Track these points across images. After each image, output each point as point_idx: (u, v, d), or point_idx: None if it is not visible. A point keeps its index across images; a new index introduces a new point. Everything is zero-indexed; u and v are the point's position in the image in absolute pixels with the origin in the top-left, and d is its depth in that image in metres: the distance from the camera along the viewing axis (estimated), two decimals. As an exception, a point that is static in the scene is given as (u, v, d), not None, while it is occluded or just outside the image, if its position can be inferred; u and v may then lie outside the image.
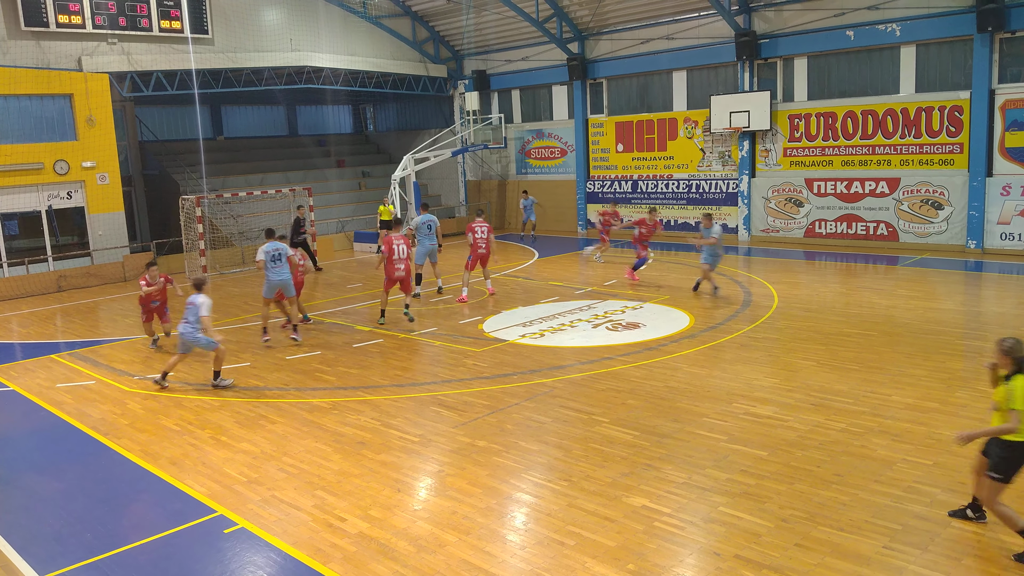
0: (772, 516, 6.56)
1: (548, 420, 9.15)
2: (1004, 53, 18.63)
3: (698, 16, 23.38)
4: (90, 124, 21.49)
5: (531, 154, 29.26)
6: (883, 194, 20.72)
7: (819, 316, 13.58)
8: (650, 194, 25.78)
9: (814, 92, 21.90)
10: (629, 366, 11.11)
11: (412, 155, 26.57)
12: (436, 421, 9.34)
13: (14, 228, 20.98)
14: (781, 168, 22.73)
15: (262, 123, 35.38)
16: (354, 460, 8.26)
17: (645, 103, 25.83)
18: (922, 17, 19.43)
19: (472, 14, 27.57)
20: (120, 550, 6.64)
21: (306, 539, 6.61)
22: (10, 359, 13.68)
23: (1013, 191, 18.75)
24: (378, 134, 36.90)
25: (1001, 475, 5.80)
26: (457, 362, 11.87)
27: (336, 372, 11.67)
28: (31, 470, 8.61)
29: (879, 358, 10.94)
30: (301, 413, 9.89)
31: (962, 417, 8.55)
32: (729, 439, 8.29)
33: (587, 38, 26.37)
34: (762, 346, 11.93)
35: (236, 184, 27.89)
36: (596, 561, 6.00)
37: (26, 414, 10.60)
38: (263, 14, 25.68)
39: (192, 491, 7.71)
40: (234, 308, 17.12)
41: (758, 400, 9.43)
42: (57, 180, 21.10)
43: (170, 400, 10.76)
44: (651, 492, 7.12)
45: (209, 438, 9.17)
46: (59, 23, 21.17)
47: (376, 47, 28.44)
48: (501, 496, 7.26)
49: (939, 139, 19.79)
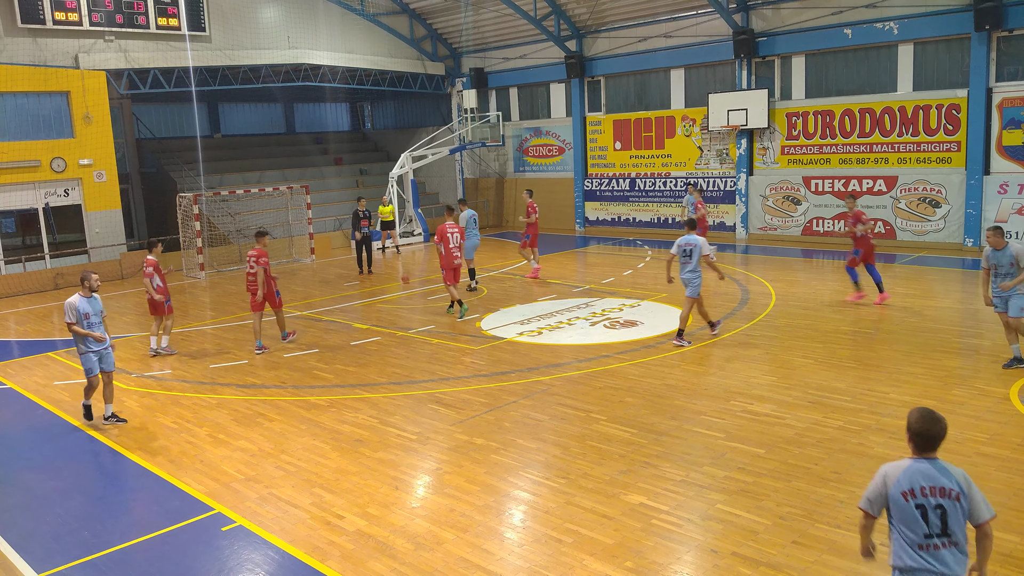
0: (770, 513, 6.57)
1: (546, 418, 9.15)
2: (1001, 51, 18.65)
3: (696, 14, 23.37)
4: (87, 122, 21.44)
5: (529, 152, 29.24)
6: (880, 192, 20.74)
7: (817, 314, 13.59)
8: (648, 192, 25.78)
9: (812, 90, 21.90)
10: (627, 364, 11.12)
11: (410, 153, 26.55)
12: (434, 419, 9.34)
13: (11, 226, 20.94)
14: (779, 166, 22.74)
15: (260, 121, 35.35)
16: (352, 458, 8.26)
17: (643, 101, 25.82)
18: (920, 15, 19.44)
19: (470, 12, 27.54)
20: (117, 548, 6.63)
21: (304, 537, 6.61)
22: (7, 357, 13.66)
23: (1010, 189, 18.77)
24: (376, 132, 36.88)
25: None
26: (455, 360, 11.87)
27: (334, 370, 11.67)
28: (28, 468, 8.60)
29: (876, 356, 10.95)
30: (299, 411, 9.88)
31: (959, 415, 8.57)
32: (727, 437, 8.30)
33: (585, 36, 26.36)
34: (760, 344, 11.94)
35: (233, 182, 27.85)
36: (594, 559, 6.00)
37: (23, 412, 10.59)
38: (261, 11, 25.63)
39: (190, 489, 7.70)
40: (231, 306, 17.11)
41: (756, 398, 9.44)
42: (54, 178, 21.05)
43: (168, 398, 10.75)
44: (649, 490, 7.12)
45: (207, 436, 9.16)
46: (56, 20, 21.11)
47: (374, 45, 28.40)
48: (499, 494, 7.26)
49: (936, 137, 19.81)
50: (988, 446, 7.76)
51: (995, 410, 8.73)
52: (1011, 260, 9.77)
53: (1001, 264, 9.90)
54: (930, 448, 4.12)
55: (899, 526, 4.07)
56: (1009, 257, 9.79)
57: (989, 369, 10.15)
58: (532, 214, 18.35)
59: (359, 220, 20.57)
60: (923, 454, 4.14)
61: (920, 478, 4.03)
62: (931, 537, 3.98)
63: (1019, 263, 9.72)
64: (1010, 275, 9.82)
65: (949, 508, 3.98)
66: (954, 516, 3.99)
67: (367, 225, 20.67)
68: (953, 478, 4.04)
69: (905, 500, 4.02)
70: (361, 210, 20.72)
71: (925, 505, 3.99)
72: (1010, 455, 7.55)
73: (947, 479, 4.03)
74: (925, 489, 4.01)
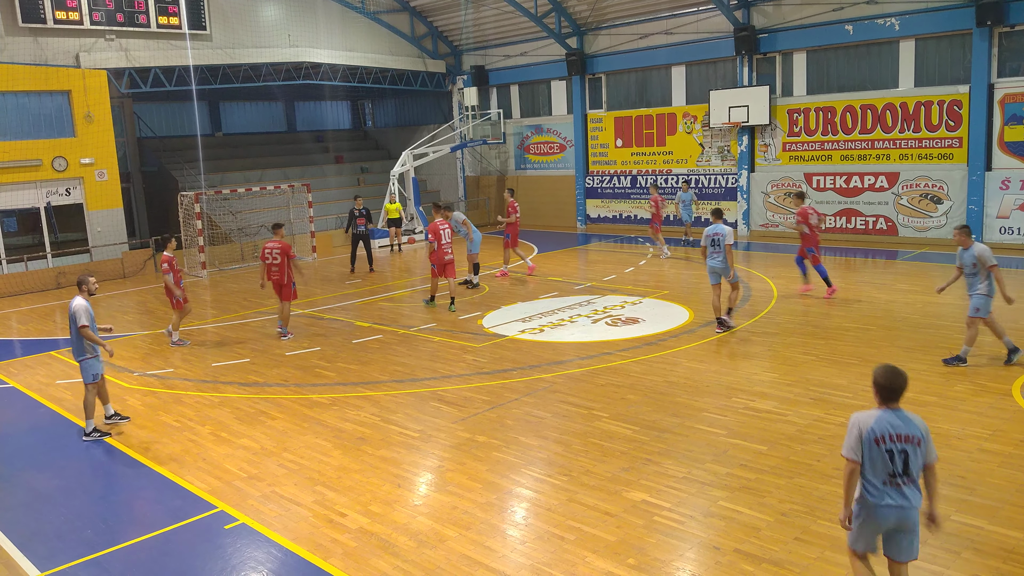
0: (772, 510, 6.58)
1: (548, 415, 9.16)
2: (1003, 47, 18.61)
3: (697, 11, 23.34)
4: (88, 121, 21.45)
5: (530, 150, 29.23)
6: (882, 188, 20.72)
7: (818, 311, 13.58)
8: (649, 189, 25.73)
9: (813, 87, 21.88)
10: (629, 361, 11.12)
11: (411, 151, 26.54)
12: (436, 416, 9.34)
13: (13, 225, 20.96)
14: (780, 163, 22.71)
15: (260, 119, 35.35)
16: (354, 456, 8.27)
17: (644, 98, 25.80)
18: (921, 11, 19.41)
19: (471, 9, 27.53)
20: (120, 546, 6.65)
21: (306, 535, 6.62)
22: (10, 356, 13.68)
23: (1012, 185, 18.74)
24: (377, 130, 36.88)
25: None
26: (457, 358, 11.88)
27: (336, 368, 11.68)
28: (31, 467, 8.61)
29: (878, 352, 10.94)
30: (301, 409, 9.89)
31: (960, 411, 8.57)
32: (729, 433, 8.30)
33: (586, 33, 26.33)
34: (761, 341, 11.94)
35: (235, 180, 27.86)
36: (596, 556, 6.01)
37: (26, 411, 10.60)
38: (261, 10, 25.61)
39: (192, 487, 7.72)
40: (233, 304, 17.12)
41: (757, 395, 9.44)
42: (55, 177, 21.06)
43: (170, 396, 10.76)
44: (651, 487, 7.13)
45: (209, 434, 9.17)
46: (57, 19, 21.11)
47: (374, 43, 28.38)
48: (501, 491, 7.27)
49: (938, 133, 19.78)
50: (990, 442, 7.75)
51: (997, 406, 8.72)
52: (973, 260, 9.97)
53: (965, 264, 10.11)
54: (894, 399, 4.72)
55: (866, 466, 4.69)
56: (972, 257, 10.00)
57: (990, 365, 10.14)
58: (513, 213, 18.29)
59: (355, 218, 20.61)
60: (888, 405, 4.73)
61: (890, 426, 4.65)
62: (895, 476, 4.64)
63: (981, 264, 9.88)
64: (973, 275, 10.01)
65: (911, 452, 4.64)
66: (914, 459, 4.66)
67: (364, 224, 20.69)
68: (916, 427, 4.68)
69: (877, 445, 4.64)
70: (358, 208, 20.73)
71: (893, 449, 4.63)
72: (1012, 451, 7.54)
73: (912, 428, 4.67)
74: (894, 436, 4.64)
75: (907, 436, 4.64)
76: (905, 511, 4.66)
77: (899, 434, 4.64)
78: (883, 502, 4.64)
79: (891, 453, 4.63)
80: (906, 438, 4.64)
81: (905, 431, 4.65)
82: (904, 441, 4.63)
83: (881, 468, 4.65)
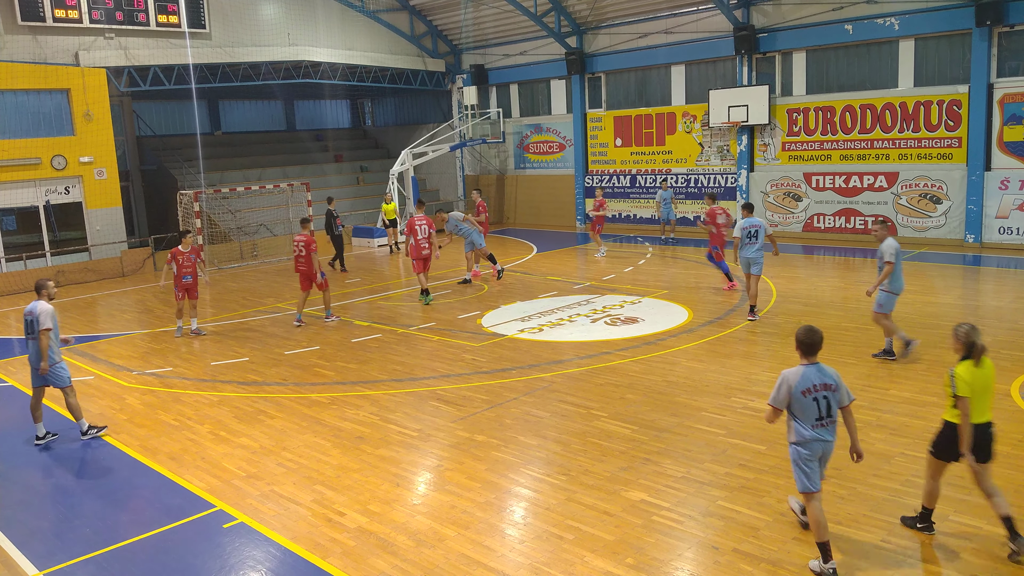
0: (770, 510, 6.58)
1: (547, 415, 9.16)
2: (1003, 47, 18.62)
3: (696, 10, 23.34)
4: (87, 119, 21.43)
5: (529, 149, 29.22)
6: (882, 188, 20.72)
7: (817, 310, 13.59)
8: (648, 188, 25.76)
9: (813, 86, 21.88)
10: (628, 361, 11.12)
11: (410, 150, 26.53)
12: (435, 416, 9.34)
13: (11, 224, 20.94)
14: (780, 162, 22.72)
15: (260, 118, 35.34)
16: (353, 455, 8.27)
17: (643, 97, 25.79)
18: (921, 11, 19.41)
19: (470, 8, 27.51)
20: (119, 545, 6.65)
21: (305, 534, 6.62)
22: (8, 354, 13.67)
23: (1011, 185, 18.75)
24: (376, 129, 36.86)
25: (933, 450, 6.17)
26: (455, 357, 11.88)
27: (335, 367, 11.68)
28: (30, 465, 8.61)
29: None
30: (300, 408, 9.89)
31: (960, 411, 8.55)
32: (727, 433, 8.30)
33: (585, 32, 26.32)
34: (760, 340, 11.94)
35: (234, 179, 27.85)
36: (595, 555, 6.01)
37: (25, 409, 10.58)
38: (260, 9, 25.59)
39: (191, 486, 7.72)
40: (232, 303, 17.11)
41: (757, 394, 9.44)
42: (55, 175, 21.04)
43: (169, 395, 10.76)
44: (650, 486, 7.13)
45: (208, 433, 9.17)
46: (56, 18, 21.08)
47: (374, 42, 28.36)
48: (500, 490, 7.27)
49: (938, 133, 19.78)
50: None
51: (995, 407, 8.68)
52: (879, 255, 10.21)
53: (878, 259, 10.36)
54: (813, 353, 5.71)
55: (798, 414, 5.66)
56: (880, 252, 10.20)
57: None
58: (482, 213, 18.50)
59: (334, 218, 20.75)
60: (809, 359, 5.72)
61: (813, 378, 5.62)
62: (821, 419, 5.63)
63: (881, 258, 10.17)
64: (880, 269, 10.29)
65: (831, 398, 5.63)
66: (833, 403, 5.66)
67: (341, 224, 21.06)
68: (831, 376, 5.66)
69: (804, 396, 5.60)
70: (332, 209, 20.96)
71: (817, 398, 5.60)
72: (1010, 451, 7.55)
73: (828, 378, 5.65)
74: (818, 386, 5.61)
75: (825, 385, 5.61)
76: (829, 444, 5.70)
77: (821, 384, 5.60)
78: (815, 438, 5.62)
79: (816, 401, 5.59)
80: (825, 387, 5.61)
81: (824, 380, 5.61)
82: (824, 389, 5.60)
83: (811, 414, 5.60)
